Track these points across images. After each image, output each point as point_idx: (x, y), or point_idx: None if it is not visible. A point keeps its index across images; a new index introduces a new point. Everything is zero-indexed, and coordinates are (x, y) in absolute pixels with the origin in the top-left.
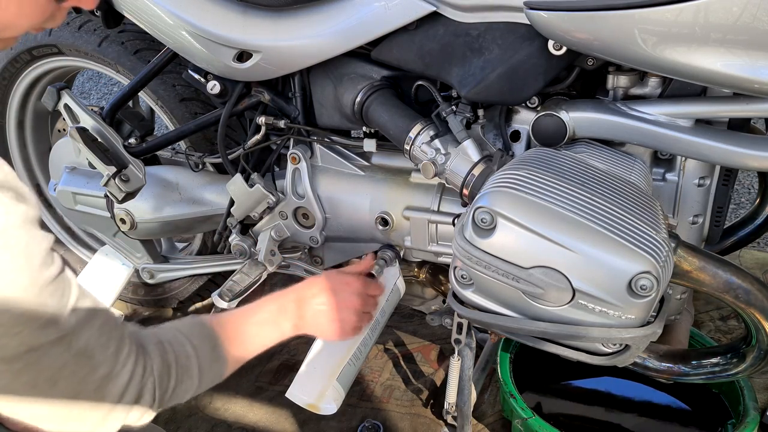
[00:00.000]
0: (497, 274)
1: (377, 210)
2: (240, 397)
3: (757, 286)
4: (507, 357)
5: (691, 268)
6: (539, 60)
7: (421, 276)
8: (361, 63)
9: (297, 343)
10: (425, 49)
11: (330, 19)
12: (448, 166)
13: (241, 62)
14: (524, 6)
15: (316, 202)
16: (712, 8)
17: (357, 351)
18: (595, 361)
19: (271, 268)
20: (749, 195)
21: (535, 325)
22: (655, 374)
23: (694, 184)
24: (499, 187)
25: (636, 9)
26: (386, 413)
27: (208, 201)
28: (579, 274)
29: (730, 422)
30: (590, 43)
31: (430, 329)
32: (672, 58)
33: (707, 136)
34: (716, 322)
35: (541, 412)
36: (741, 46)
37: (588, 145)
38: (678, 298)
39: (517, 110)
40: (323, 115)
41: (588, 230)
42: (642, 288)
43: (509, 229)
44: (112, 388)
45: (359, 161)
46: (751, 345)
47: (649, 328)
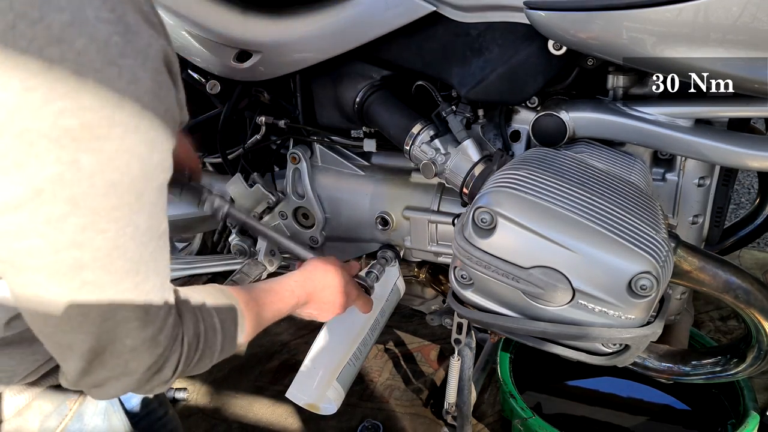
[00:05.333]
0: (497, 274)
1: (377, 210)
2: (240, 397)
3: (757, 286)
4: (507, 357)
5: (691, 268)
6: (539, 60)
7: (421, 276)
8: (361, 63)
9: (297, 343)
10: (425, 49)
11: (330, 19)
12: (448, 166)
13: (241, 62)
14: (524, 6)
15: (316, 202)
16: (712, 8)
17: (357, 351)
18: (595, 361)
19: (271, 268)
20: (749, 195)
21: (535, 325)
22: (655, 374)
23: (694, 184)
24: (499, 187)
25: (636, 9)
26: (386, 413)
27: None
28: (579, 274)
29: (730, 422)
30: (590, 43)
31: (430, 329)
32: (671, 58)
33: (707, 136)
34: (716, 322)
35: (541, 412)
36: (741, 46)
37: (588, 145)
38: (678, 298)
39: (517, 110)
40: (323, 115)
41: (588, 230)
42: (642, 288)
43: (509, 229)
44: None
45: (359, 161)
46: (751, 345)
47: (649, 328)
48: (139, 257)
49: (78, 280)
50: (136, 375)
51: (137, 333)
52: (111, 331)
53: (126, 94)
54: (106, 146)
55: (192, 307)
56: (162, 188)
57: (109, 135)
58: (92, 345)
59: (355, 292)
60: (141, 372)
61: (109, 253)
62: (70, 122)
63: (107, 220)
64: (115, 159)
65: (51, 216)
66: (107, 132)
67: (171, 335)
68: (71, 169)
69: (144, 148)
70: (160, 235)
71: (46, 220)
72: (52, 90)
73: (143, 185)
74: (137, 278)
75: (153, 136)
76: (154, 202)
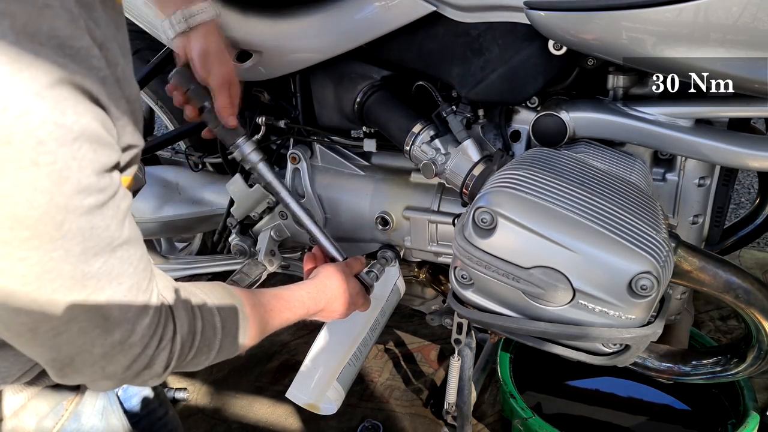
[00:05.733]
0: (497, 274)
1: (377, 210)
2: (240, 397)
3: (757, 286)
4: (507, 357)
5: (691, 268)
6: (539, 60)
7: (421, 276)
8: (361, 63)
9: (297, 343)
10: (425, 49)
11: (330, 19)
12: (448, 166)
13: (240, 62)
14: (524, 6)
15: (316, 202)
16: (712, 8)
17: (357, 351)
18: (595, 361)
19: (271, 268)
20: (749, 195)
21: (535, 325)
22: (655, 374)
23: (694, 184)
24: (499, 187)
25: (636, 9)
26: (386, 413)
27: (207, 201)
28: (579, 274)
29: (730, 422)
30: (590, 43)
31: (430, 329)
32: (672, 58)
33: (707, 136)
34: (716, 322)
35: (541, 412)
36: (741, 46)
37: (588, 145)
38: (678, 298)
39: (517, 110)
40: (323, 115)
41: (588, 230)
42: (642, 288)
43: (509, 229)
44: (120, 357)
45: (359, 161)
46: (752, 345)
47: (650, 328)
48: (82, 275)
49: (12, 303)
50: (117, 376)
51: (102, 340)
52: (71, 343)
53: (14, 129)
54: (0, 183)
55: (190, 305)
56: (95, 210)
57: (1, 172)
58: (54, 356)
59: (362, 300)
60: (121, 372)
61: (38, 276)
62: None
63: (24, 249)
64: (12, 195)
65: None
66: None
67: (149, 335)
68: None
69: (48, 182)
70: (116, 248)
71: None
72: None
73: (60, 216)
74: (85, 291)
75: (60, 168)
76: (86, 225)
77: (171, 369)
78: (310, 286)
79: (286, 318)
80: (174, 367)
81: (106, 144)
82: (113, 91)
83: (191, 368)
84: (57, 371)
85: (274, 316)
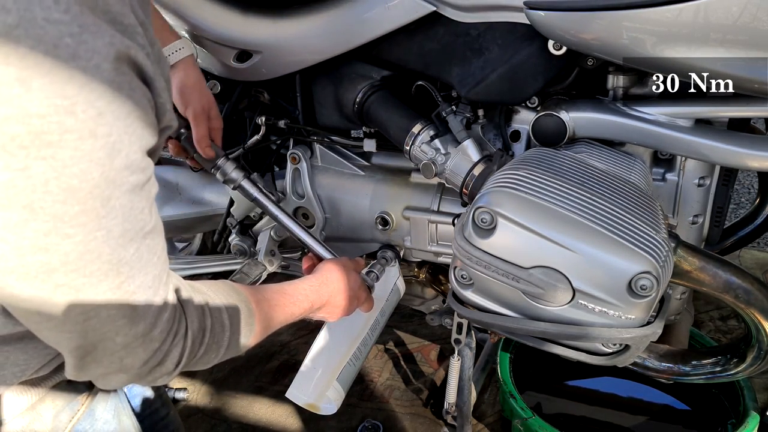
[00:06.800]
0: (497, 274)
1: (377, 210)
2: (240, 397)
3: (757, 286)
4: (507, 357)
5: (691, 268)
6: (539, 60)
7: (421, 276)
8: (361, 63)
9: (297, 343)
10: (425, 49)
11: (330, 19)
12: (448, 166)
13: (241, 62)
14: (524, 6)
15: (316, 202)
16: (712, 8)
17: (357, 351)
18: (595, 361)
19: (271, 268)
20: (749, 195)
21: (535, 325)
22: (655, 374)
23: (694, 184)
24: (499, 187)
25: (636, 9)
26: (386, 413)
27: (208, 201)
28: (579, 274)
29: (730, 422)
30: (590, 43)
31: (430, 329)
32: (672, 58)
33: (707, 136)
34: (716, 322)
35: (541, 412)
36: (741, 46)
37: (588, 145)
38: (678, 298)
39: (517, 110)
40: (323, 115)
41: (588, 230)
42: (642, 288)
43: (509, 229)
44: (140, 350)
45: (359, 161)
46: (751, 345)
47: (649, 328)
48: (118, 259)
49: (50, 282)
50: (133, 370)
51: (127, 330)
52: (97, 330)
53: (77, 99)
54: (59, 153)
55: (200, 302)
56: (137, 189)
57: (61, 142)
58: (79, 343)
59: (364, 295)
60: (137, 367)
61: (80, 256)
62: (16, 129)
63: (71, 225)
64: (70, 166)
65: (9, 222)
66: (59, 139)
67: (167, 330)
68: (22, 176)
69: (103, 153)
70: (146, 235)
71: (5, 226)
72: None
73: (108, 190)
74: (119, 279)
75: (114, 141)
76: (127, 204)
77: (181, 367)
78: (313, 280)
79: (290, 313)
80: (184, 365)
81: (150, 123)
82: (155, 69)
83: (200, 366)
84: (78, 360)
85: (279, 312)
